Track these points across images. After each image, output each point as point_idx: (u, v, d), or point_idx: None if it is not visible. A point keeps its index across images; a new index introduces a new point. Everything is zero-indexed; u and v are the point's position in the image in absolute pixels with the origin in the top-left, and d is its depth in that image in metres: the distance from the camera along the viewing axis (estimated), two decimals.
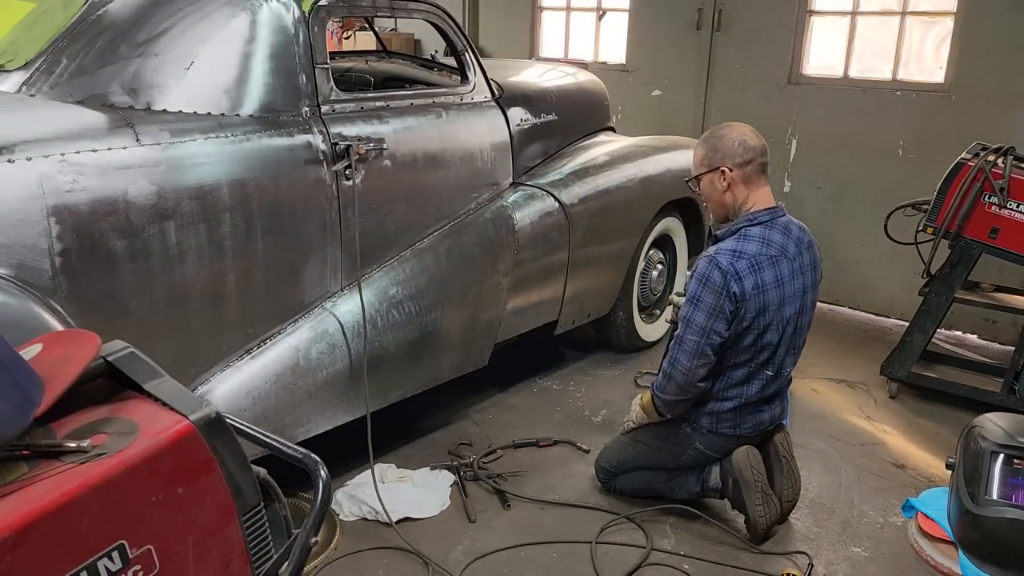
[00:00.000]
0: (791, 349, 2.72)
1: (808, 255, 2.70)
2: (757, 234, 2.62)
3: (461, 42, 3.36)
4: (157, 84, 2.39)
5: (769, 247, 2.61)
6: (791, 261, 2.64)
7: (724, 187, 2.67)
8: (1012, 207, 3.44)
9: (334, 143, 2.70)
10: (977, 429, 1.71)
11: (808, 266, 2.69)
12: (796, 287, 2.65)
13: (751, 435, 2.77)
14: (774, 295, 2.60)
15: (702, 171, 2.71)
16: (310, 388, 2.71)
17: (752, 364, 2.66)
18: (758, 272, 2.58)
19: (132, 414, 1.18)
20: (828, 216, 5.02)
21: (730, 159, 2.65)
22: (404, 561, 2.61)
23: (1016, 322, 4.00)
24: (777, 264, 2.61)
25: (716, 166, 2.66)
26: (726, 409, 2.71)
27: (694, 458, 2.82)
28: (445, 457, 3.20)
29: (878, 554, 2.72)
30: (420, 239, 3.10)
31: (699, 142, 2.77)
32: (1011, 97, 4.27)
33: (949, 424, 3.57)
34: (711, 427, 2.75)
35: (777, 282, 2.60)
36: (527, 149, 3.63)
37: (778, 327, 2.63)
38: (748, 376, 2.68)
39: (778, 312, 2.62)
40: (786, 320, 2.64)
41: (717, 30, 5.27)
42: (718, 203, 2.71)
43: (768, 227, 2.64)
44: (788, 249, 2.64)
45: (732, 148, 2.66)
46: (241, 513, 1.20)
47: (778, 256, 2.62)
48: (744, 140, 2.67)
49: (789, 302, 2.63)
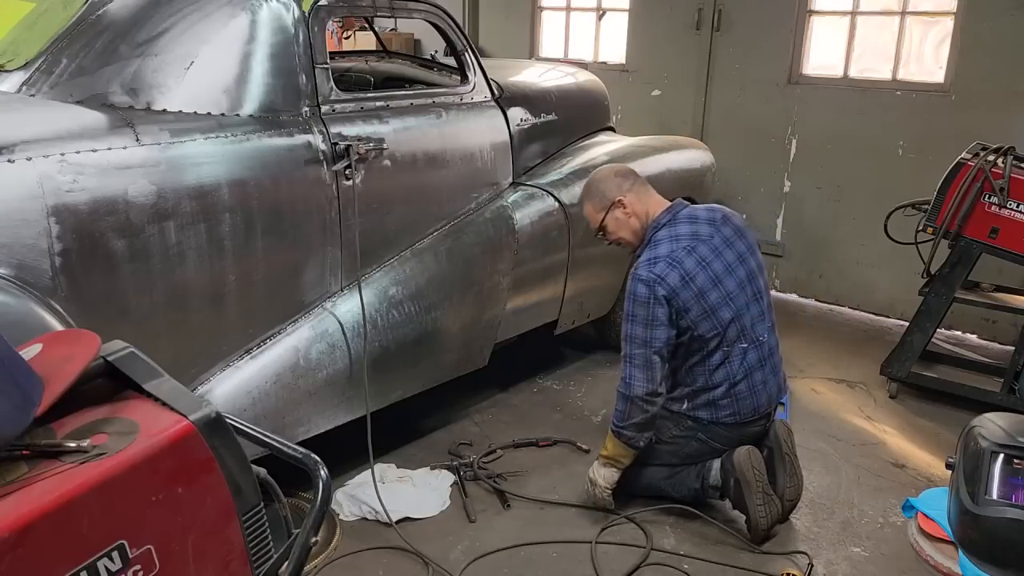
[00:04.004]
0: (757, 316, 2.80)
1: (727, 227, 2.83)
2: (664, 235, 2.80)
3: (461, 42, 3.36)
4: (157, 84, 2.39)
5: (679, 240, 2.77)
6: (708, 240, 2.78)
7: (627, 215, 2.89)
8: (1012, 207, 3.44)
9: (334, 143, 2.70)
10: (977, 429, 1.71)
11: (733, 236, 2.82)
12: (727, 260, 2.77)
13: (752, 419, 2.80)
14: (704, 278, 2.72)
15: (602, 215, 2.93)
16: (310, 388, 2.72)
17: (723, 344, 2.74)
18: (678, 266, 2.72)
19: (132, 414, 1.18)
20: (828, 216, 5.02)
21: (616, 191, 2.90)
22: (404, 561, 2.61)
23: (1016, 322, 4.00)
24: (695, 251, 2.75)
25: (610, 203, 2.89)
26: (720, 396, 2.77)
27: (698, 449, 2.84)
28: (445, 457, 3.20)
29: (878, 554, 2.73)
30: (420, 239, 3.10)
31: (583, 201, 3.02)
32: (1011, 97, 4.27)
33: (949, 424, 3.57)
34: (711, 418, 2.79)
35: (702, 265, 2.73)
36: (527, 149, 3.63)
37: (726, 302, 2.73)
38: (725, 356, 2.75)
39: (717, 289, 2.73)
40: (731, 293, 2.74)
41: (717, 30, 5.27)
42: (631, 231, 2.91)
43: (671, 225, 2.82)
44: (701, 233, 2.79)
45: (611, 182, 2.92)
46: (241, 513, 1.20)
47: (691, 244, 2.76)
48: (613, 170, 2.98)
49: (726, 276, 2.75)
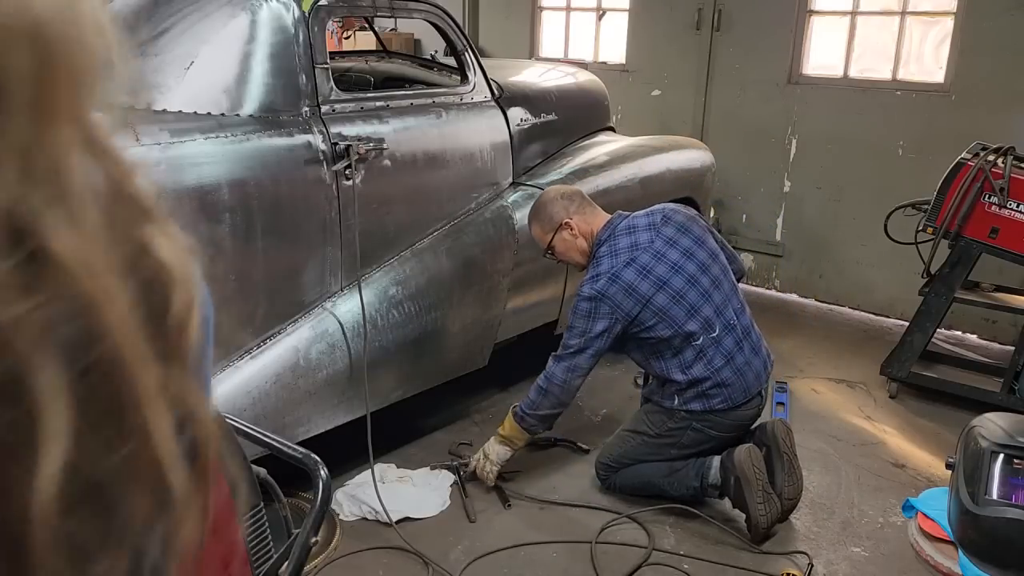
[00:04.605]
0: (721, 303, 2.82)
1: (668, 228, 2.87)
2: (605, 251, 2.87)
3: (461, 42, 3.35)
4: (157, 84, 2.39)
5: (618, 255, 2.82)
6: (649, 246, 2.82)
7: (574, 236, 2.95)
8: (1012, 207, 3.44)
9: (334, 143, 2.70)
10: (977, 429, 1.71)
11: (676, 234, 2.86)
12: (672, 260, 2.81)
13: (745, 401, 2.82)
14: (647, 285, 2.77)
15: (549, 236, 2.97)
16: (310, 388, 2.71)
17: (690, 340, 2.77)
18: (617, 280, 2.77)
19: None
20: (828, 216, 5.02)
21: (563, 212, 2.96)
22: (404, 561, 2.61)
23: (1016, 322, 4.00)
24: (635, 261, 2.80)
25: (557, 225, 2.95)
26: (708, 387, 2.80)
27: (694, 439, 2.86)
28: (445, 457, 3.19)
29: (878, 554, 2.73)
30: (420, 239, 3.10)
31: (531, 224, 3.06)
32: (1011, 97, 4.27)
33: (949, 424, 3.57)
34: (704, 407, 2.82)
35: (644, 272, 2.78)
36: (527, 149, 3.63)
37: (676, 302, 2.76)
38: (699, 350, 2.78)
39: (665, 290, 2.77)
40: (680, 290, 2.77)
41: (717, 30, 5.27)
42: (579, 251, 2.96)
43: (611, 241, 2.88)
44: (639, 242, 2.84)
45: (556, 204, 2.98)
46: (241, 513, 1.20)
47: (631, 255, 2.81)
48: (559, 192, 3.04)
49: (673, 276, 2.79)
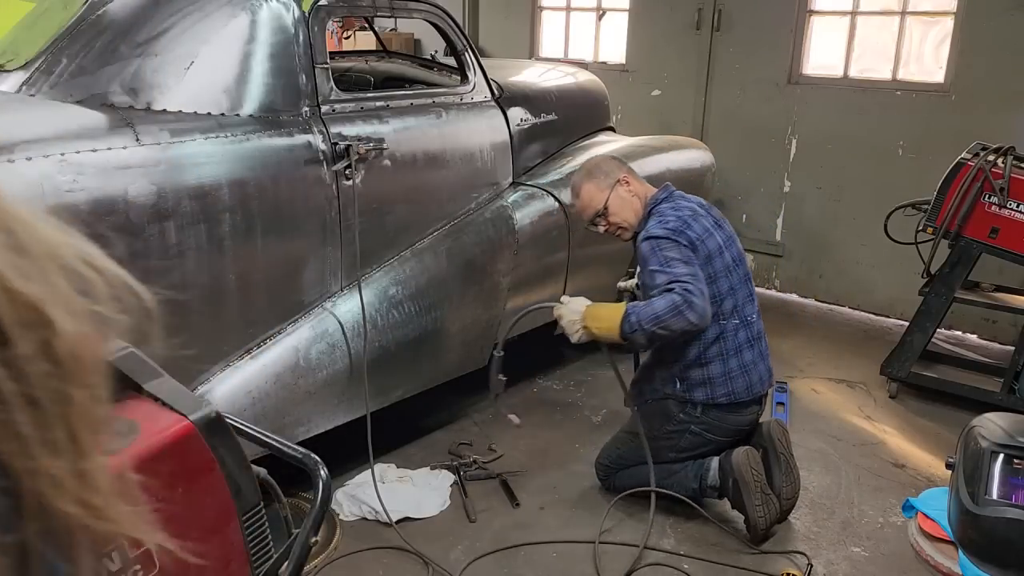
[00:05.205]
0: (747, 297, 2.85)
1: (712, 213, 2.90)
2: (667, 207, 2.86)
3: (461, 42, 3.35)
4: (157, 84, 2.39)
5: (682, 210, 2.83)
6: (706, 216, 2.85)
7: (631, 193, 2.92)
8: (1012, 207, 3.44)
9: (334, 143, 2.70)
10: (977, 429, 1.71)
11: (720, 219, 2.90)
12: (724, 235, 2.84)
13: (747, 401, 2.81)
14: (712, 242, 2.78)
15: (606, 194, 2.91)
16: (310, 388, 2.71)
17: (719, 316, 2.77)
18: (689, 227, 2.76)
19: (132, 414, 1.18)
20: (828, 216, 5.02)
21: (619, 170, 2.95)
22: (404, 561, 2.61)
23: (1016, 322, 4.00)
24: (696, 220, 2.80)
25: (615, 181, 2.92)
26: (716, 373, 2.78)
27: (692, 443, 2.84)
28: (445, 457, 3.20)
29: (878, 554, 2.73)
30: (420, 239, 3.10)
31: (582, 183, 2.97)
32: (1011, 97, 4.27)
33: (949, 424, 3.57)
34: (706, 398, 2.79)
35: (708, 232, 2.79)
36: (527, 149, 3.63)
37: (726, 273, 2.78)
38: (720, 331, 2.78)
39: (721, 257, 2.78)
40: (730, 265, 2.80)
41: (717, 30, 5.27)
42: (632, 211, 2.92)
43: (671, 200, 2.89)
44: (696, 209, 2.86)
45: (611, 163, 2.99)
46: (241, 513, 1.20)
47: (693, 214, 2.82)
48: (609, 154, 3.01)
49: (726, 248, 2.82)
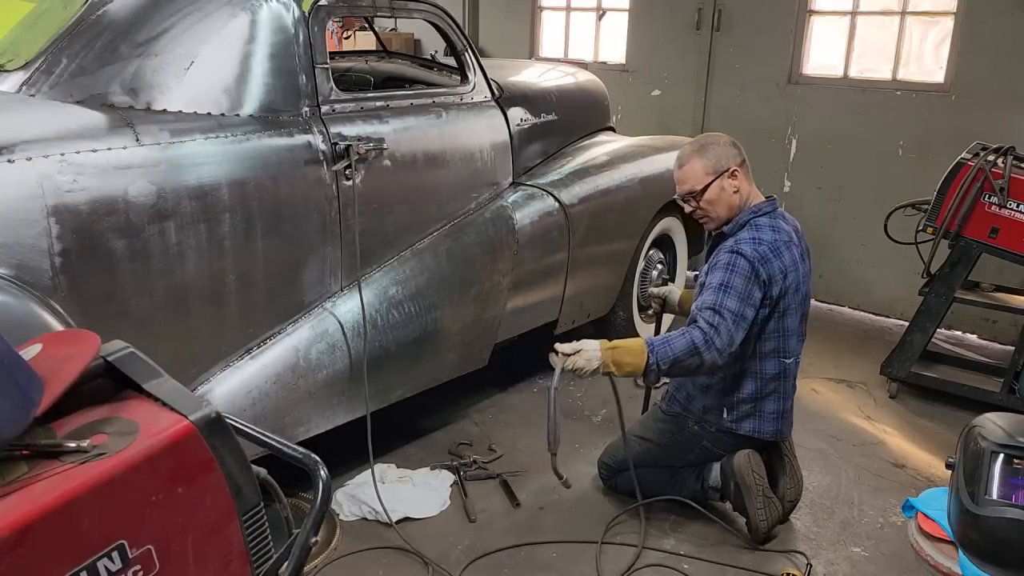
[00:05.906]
0: (800, 335, 2.76)
1: (803, 243, 2.77)
2: (767, 223, 2.67)
3: (461, 42, 3.35)
4: (157, 84, 2.39)
5: (780, 233, 2.66)
6: (796, 246, 2.70)
7: (735, 188, 2.70)
8: (1012, 207, 3.44)
9: (334, 143, 2.70)
10: (977, 429, 1.71)
11: (806, 252, 2.77)
12: (803, 271, 2.71)
13: (767, 438, 2.75)
14: (793, 278, 2.64)
15: (711, 178, 2.69)
16: (310, 388, 2.71)
17: (774, 350, 2.67)
18: (779, 257, 2.61)
19: (132, 414, 1.18)
20: (828, 216, 5.02)
21: (733, 160, 2.71)
22: (404, 561, 2.61)
23: (1016, 322, 4.00)
24: (789, 249, 2.65)
25: (724, 169, 2.69)
26: (768, 410, 2.71)
27: (700, 456, 2.82)
28: (445, 457, 3.19)
29: (878, 554, 2.72)
30: (420, 239, 3.10)
31: (690, 156, 2.74)
32: (1011, 97, 4.27)
33: (949, 424, 3.57)
34: (753, 431, 2.72)
35: (793, 265, 2.65)
36: (527, 149, 3.63)
37: (795, 310, 2.68)
38: (780, 368, 2.70)
39: (795, 295, 2.66)
40: (800, 302, 2.69)
41: (717, 30, 5.27)
42: (727, 206, 2.71)
43: (772, 216, 2.70)
44: (792, 236, 2.70)
45: (729, 151, 2.72)
46: (241, 513, 1.20)
47: (788, 242, 2.66)
48: (732, 141, 2.75)
49: (802, 284, 2.70)
